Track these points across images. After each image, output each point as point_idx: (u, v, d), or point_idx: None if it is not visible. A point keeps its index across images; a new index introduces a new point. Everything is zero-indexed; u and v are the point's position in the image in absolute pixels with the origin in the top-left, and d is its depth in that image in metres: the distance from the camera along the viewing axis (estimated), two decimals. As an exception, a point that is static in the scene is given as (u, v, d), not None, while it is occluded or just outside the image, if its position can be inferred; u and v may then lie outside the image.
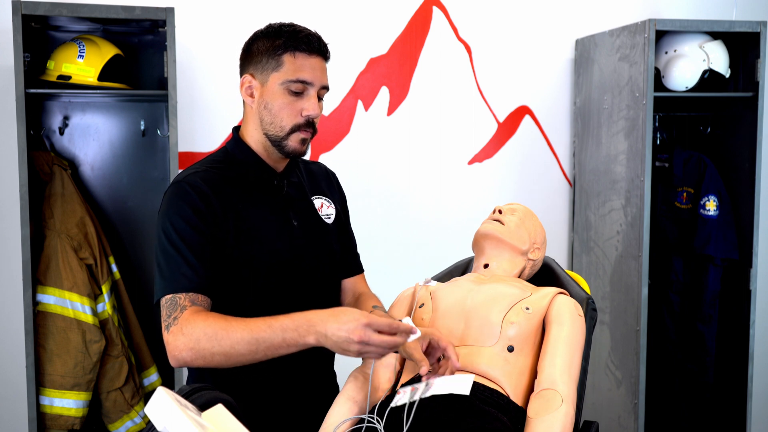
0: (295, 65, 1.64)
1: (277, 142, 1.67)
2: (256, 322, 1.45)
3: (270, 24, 1.71)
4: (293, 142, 1.66)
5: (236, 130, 1.77)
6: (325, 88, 1.69)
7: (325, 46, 1.68)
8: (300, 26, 1.68)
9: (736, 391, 3.10)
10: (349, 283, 1.90)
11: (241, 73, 1.74)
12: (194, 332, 1.47)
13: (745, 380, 3.06)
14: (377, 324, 1.38)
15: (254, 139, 1.71)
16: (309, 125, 1.66)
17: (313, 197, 1.82)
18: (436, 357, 1.60)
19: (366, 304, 1.80)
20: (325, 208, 1.83)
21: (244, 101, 1.74)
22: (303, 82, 1.64)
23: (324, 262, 1.79)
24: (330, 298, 1.83)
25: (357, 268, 1.93)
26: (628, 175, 3.00)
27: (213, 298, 1.58)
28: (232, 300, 1.65)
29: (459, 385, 1.52)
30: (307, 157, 1.90)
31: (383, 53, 3.20)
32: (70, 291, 2.63)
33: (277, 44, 1.64)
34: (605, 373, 3.17)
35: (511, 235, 1.86)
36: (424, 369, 1.51)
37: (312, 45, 1.64)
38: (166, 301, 1.54)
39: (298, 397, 1.79)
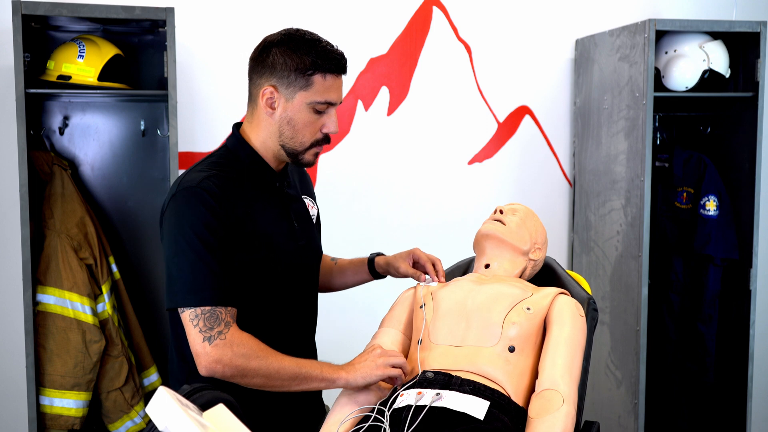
0: (324, 86, 1.65)
1: (293, 155, 1.71)
2: (300, 359, 1.62)
3: (289, 33, 1.68)
4: (309, 155, 1.71)
5: (236, 127, 1.77)
6: (341, 102, 1.73)
7: (346, 63, 1.69)
8: (324, 41, 1.67)
9: (736, 391, 3.10)
10: None
11: (257, 80, 1.70)
12: (246, 352, 1.57)
13: (745, 380, 3.06)
14: (389, 356, 1.65)
15: (264, 144, 1.72)
16: (326, 140, 1.71)
17: (303, 197, 1.87)
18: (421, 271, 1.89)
19: (326, 264, 2.03)
20: (312, 209, 1.88)
21: (254, 104, 1.72)
22: (330, 103, 1.67)
23: (316, 262, 1.87)
24: (315, 289, 1.90)
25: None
26: (628, 175, 3.00)
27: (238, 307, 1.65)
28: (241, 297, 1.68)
29: (474, 406, 1.51)
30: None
31: (383, 53, 3.20)
32: (70, 291, 2.63)
33: (306, 63, 1.64)
34: (605, 373, 3.17)
35: (512, 235, 1.86)
36: (422, 277, 1.87)
37: (341, 66, 1.67)
38: (203, 312, 1.57)
39: (299, 397, 1.80)
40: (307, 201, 1.87)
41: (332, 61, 1.64)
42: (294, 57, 1.64)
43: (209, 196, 1.60)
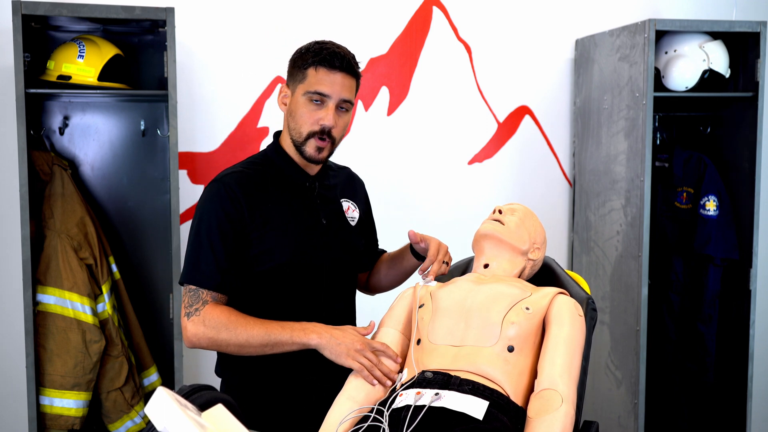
0: (315, 78, 1.79)
1: (298, 147, 1.84)
2: (270, 322, 1.73)
3: (314, 41, 1.86)
4: (310, 148, 1.82)
5: (276, 135, 1.92)
6: (348, 101, 1.82)
7: (348, 63, 1.80)
8: (334, 46, 1.82)
9: (736, 391, 3.10)
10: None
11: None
12: (216, 325, 1.71)
13: (745, 380, 3.06)
14: (373, 343, 1.71)
15: (287, 143, 1.87)
16: (324, 134, 1.80)
17: (342, 199, 1.97)
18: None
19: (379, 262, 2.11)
20: (351, 211, 1.98)
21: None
22: (320, 94, 1.79)
23: (345, 259, 1.93)
24: (347, 291, 1.98)
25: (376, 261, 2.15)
26: (628, 175, 3.00)
27: (230, 294, 1.78)
28: (254, 289, 1.80)
29: (473, 406, 1.51)
30: (339, 161, 2.10)
31: (383, 53, 3.20)
32: (70, 291, 2.63)
33: (305, 59, 1.81)
34: (605, 373, 3.17)
35: (511, 235, 1.86)
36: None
37: (333, 62, 1.78)
38: (189, 290, 1.76)
39: (303, 395, 1.82)
40: (347, 204, 1.98)
41: (324, 57, 1.78)
42: (300, 57, 1.82)
43: (225, 190, 1.77)
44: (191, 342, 1.74)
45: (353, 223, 1.98)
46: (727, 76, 3.10)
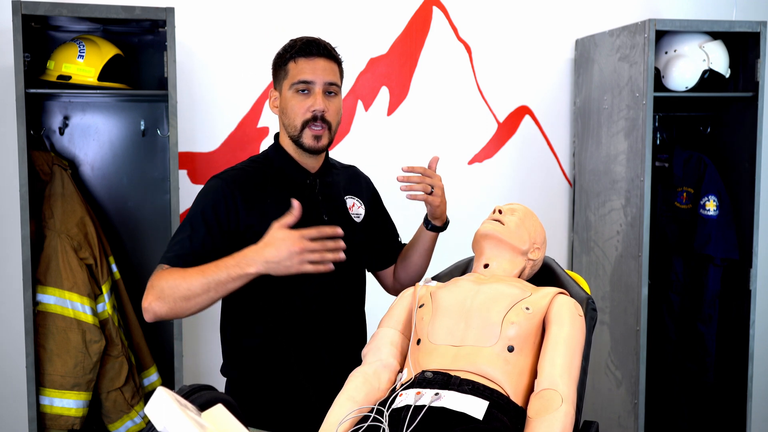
0: (297, 70, 1.83)
1: (296, 141, 1.86)
2: (206, 266, 1.67)
3: (289, 40, 1.90)
4: (307, 138, 1.84)
5: (276, 136, 1.95)
6: (333, 84, 1.84)
7: (325, 48, 1.84)
8: (307, 37, 1.87)
9: (736, 391, 3.10)
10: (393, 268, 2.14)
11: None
12: (159, 284, 1.69)
13: (745, 380, 3.06)
14: (307, 232, 1.62)
15: (287, 143, 1.89)
16: (317, 120, 1.82)
17: (346, 197, 1.98)
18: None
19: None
20: (356, 208, 2.00)
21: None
22: (304, 82, 1.82)
23: (348, 257, 1.88)
24: (355, 287, 1.98)
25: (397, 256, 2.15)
26: (628, 175, 3.00)
27: None
28: (254, 288, 1.76)
29: (473, 406, 1.51)
30: (342, 160, 2.12)
31: (383, 53, 3.20)
32: (70, 291, 2.63)
33: (284, 57, 1.86)
34: (605, 373, 3.17)
35: (511, 235, 1.86)
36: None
37: (310, 50, 1.82)
38: (159, 267, 1.76)
39: (303, 395, 1.82)
40: (352, 201, 1.99)
41: (300, 48, 1.83)
42: (276, 58, 1.89)
43: (221, 188, 1.80)
44: (146, 311, 1.69)
45: (358, 220, 1.98)
46: (727, 76, 3.10)
